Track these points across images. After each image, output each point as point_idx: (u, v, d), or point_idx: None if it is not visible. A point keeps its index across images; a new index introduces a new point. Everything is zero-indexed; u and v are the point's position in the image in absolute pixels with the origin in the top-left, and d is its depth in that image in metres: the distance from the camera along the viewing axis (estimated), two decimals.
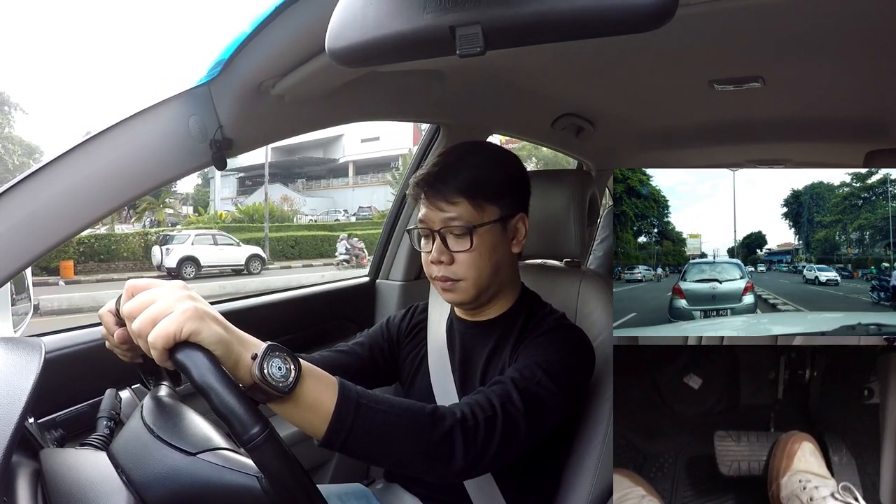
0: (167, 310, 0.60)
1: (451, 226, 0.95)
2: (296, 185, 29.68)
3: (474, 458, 0.79)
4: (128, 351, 0.76)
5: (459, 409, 0.81)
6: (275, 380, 0.62)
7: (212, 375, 0.57)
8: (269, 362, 0.62)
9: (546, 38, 0.58)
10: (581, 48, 1.08)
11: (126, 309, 0.63)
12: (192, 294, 0.63)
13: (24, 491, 0.61)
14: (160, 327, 0.58)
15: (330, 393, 0.70)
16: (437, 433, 0.76)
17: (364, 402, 0.72)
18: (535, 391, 0.87)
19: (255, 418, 0.57)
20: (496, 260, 0.98)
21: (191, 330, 0.59)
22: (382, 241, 1.70)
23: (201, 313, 0.60)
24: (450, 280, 0.97)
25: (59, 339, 1.04)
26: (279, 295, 1.57)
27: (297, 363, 0.65)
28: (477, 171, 0.97)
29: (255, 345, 0.63)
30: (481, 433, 0.80)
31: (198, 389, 0.57)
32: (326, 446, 0.70)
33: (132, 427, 0.71)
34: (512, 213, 1.00)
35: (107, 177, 0.86)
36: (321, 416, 0.69)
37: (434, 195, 0.96)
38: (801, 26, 1.02)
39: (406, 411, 0.76)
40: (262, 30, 0.85)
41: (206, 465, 0.63)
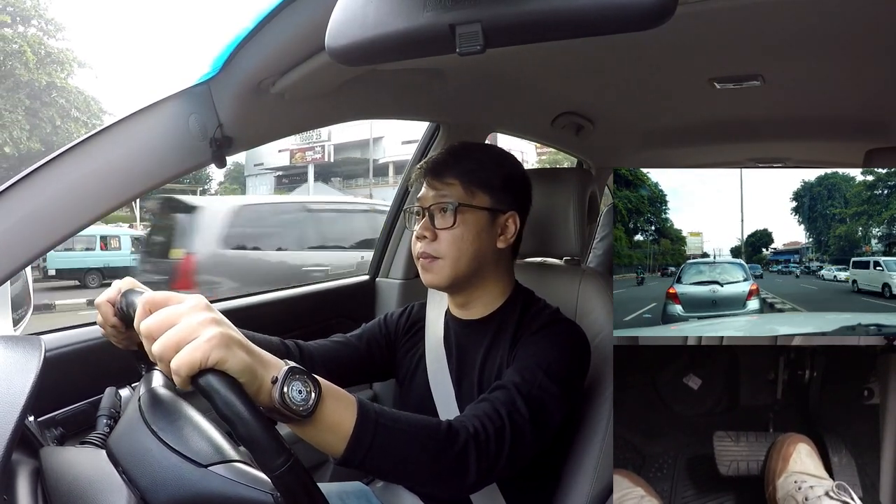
0: (191, 335, 0.56)
1: (440, 202, 1.00)
2: (332, 184, 30.05)
3: (486, 471, 0.79)
4: (124, 339, 0.75)
5: (472, 424, 0.80)
6: (295, 404, 0.61)
7: (238, 404, 0.56)
8: (289, 386, 0.60)
9: (546, 37, 0.58)
10: (581, 46, 1.08)
11: (145, 328, 0.59)
12: (216, 316, 0.59)
13: (24, 489, 0.61)
14: (185, 354, 0.55)
15: (349, 413, 0.69)
16: (452, 451, 0.76)
17: (383, 421, 0.71)
18: (538, 395, 0.87)
19: (279, 449, 0.56)
20: (478, 247, 1.00)
21: (217, 359, 0.56)
22: (382, 239, 1.70)
23: (227, 340, 0.57)
24: (429, 257, 1.00)
25: (58, 338, 1.04)
26: (280, 293, 1.57)
27: (318, 385, 0.64)
28: (476, 163, 1.02)
29: (275, 366, 0.61)
30: (493, 446, 0.80)
31: (222, 417, 0.56)
32: (343, 465, 0.70)
33: (131, 423, 0.70)
34: (503, 208, 1.02)
35: (107, 175, 0.86)
36: (340, 437, 0.68)
37: (433, 177, 1.02)
38: (801, 24, 1.02)
39: (423, 429, 0.76)
40: (262, 28, 0.85)
41: (219, 478, 0.61)
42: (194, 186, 25.07)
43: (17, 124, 17.74)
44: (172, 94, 0.90)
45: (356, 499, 1.11)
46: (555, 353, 0.93)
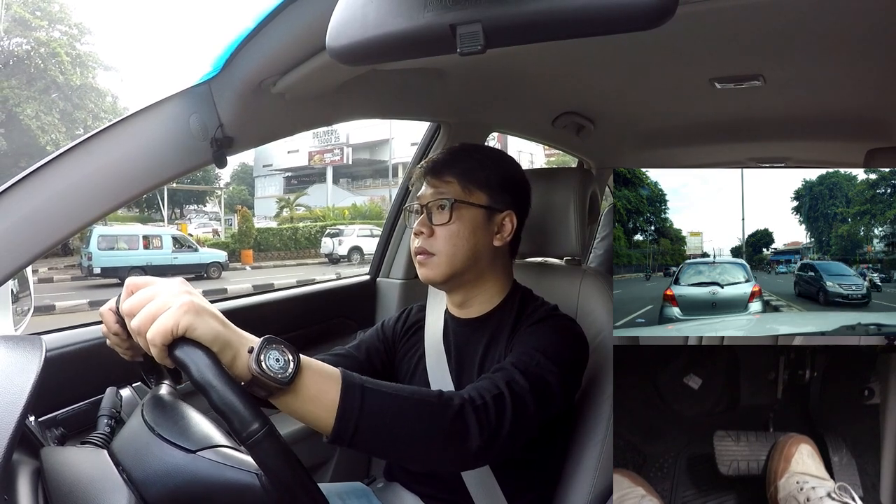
0: (165, 306, 0.60)
1: (438, 199, 1.01)
2: (340, 185, 30.33)
3: (490, 435, 0.78)
4: (128, 349, 0.76)
5: (467, 393, 0.81)
6: (273, 371, 0.62)
7: (210, 372, 0.58)
8: (266, 354, 0.62)
9: (546, 37, 0.58)
10: (582, 46, 1.08)
11: (126, 306, 0.63)
12: (190, 290, 0.63)
13: (25, 489, 0.61)
14: (158, 323, 0.59)
15: (333, 382, 0.69)
16: (448, 412, 0.76)
17: (370, 386, 0.71)
18: (537, 371, 0.87)
19: (254, 414, 0.57)
20: (474, 244, 1.00)
21: (187, 324, 0.59)
22: (383, 239, 1.70)
23: (197, 308, 0.60)
24: (426, 252, 1.01)
25: (59, 338, 1.04)
26: (280, 293, 1.57)
27: (296, 355, 0.65)
28: (475, 162, 1.04)
29: (251, 340, 0.63)
30: (492, 410, 0.79)
31: (197, 387, 0.57)
32: (336, 440, 0.69)
33: (133, 426, 0.71)
34: (500, 207, 1.03)
35: (108, 175, 0.86)
36: (327, 407, 0.68)
37: (432, 176, 1.04)
38: (802, 24, 1.02)
39: (414, 393, 0.76)
40: (263, 28, 0.85)
41: (206, 462, 0.63)
42: (206, 187, 25.34)
43: (55, 127, 18.15)
44: (173, 93, 0.90)
45: (356, 499, 1.11)
46: (552, 339, 0.94)
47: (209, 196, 26.62)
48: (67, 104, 19.07)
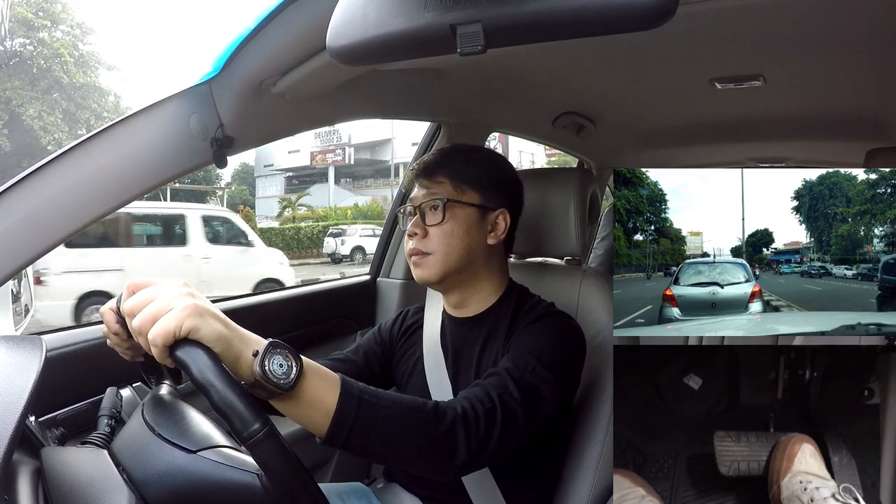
0: (167, 307, 0.60)
1: (430, 200, 1.01)
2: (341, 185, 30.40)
3: (476, 450, 0.79)
4: (129, 349, 0.76)
5: (460, 405, 0.81)
6: (276, 376, 0.62)
7: (211, 372, 0.58)
8: (270, 359, 0.62)
9: (547, 37, 0.58)
10: (582, 46, 1.08)
11: (127, 306, 0.63)
12: (193, 291, 0.63)
13: (25, 489, 0.61)
14: (160, 324, 0.59)
15: (332, 390, 0.70)
16: (439, 429, 0.77)
17: (366, 398, 0.72)
18: (531, 381, 0.88)
19: (255, 415, 0.57)
20: (468, 243, 1.01)
21: (190, 326, 0.59)
22: (383, 239, 1.70)
23: (201, 310, 0.60)
24: (420, 253, 1.01)
25: (60, 338, 1.04)
26: (280, 293, 1.57)
27: (299, 360, 0.65)
28: (466, 162, 1.05)
29: (256, 342, 0.63)
30: (482, 426, 0.80)
31: (197, 386, 0.57)
32: (329, 443, 0.70)
33: (133, 426, 0.71)
34: (493, 205, 1.03)
35: (108, 175, 0.86)
36: (323, 413, 0.69)
37: (424, 177, 1.04)
38: (802, 24, 1.02)
39: (408, 408, 0.76)
40: (263, 28, 0.85)
41: (207, 462, 0.63)
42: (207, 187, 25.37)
43: (57, 127, 18.14)
44: (173, 93, 0.90)
45: (356, 499, 1.11)
46: (548, 341, 0.93)
47: (210, 196, 26.70)
48: (70, 104, 19.14)
